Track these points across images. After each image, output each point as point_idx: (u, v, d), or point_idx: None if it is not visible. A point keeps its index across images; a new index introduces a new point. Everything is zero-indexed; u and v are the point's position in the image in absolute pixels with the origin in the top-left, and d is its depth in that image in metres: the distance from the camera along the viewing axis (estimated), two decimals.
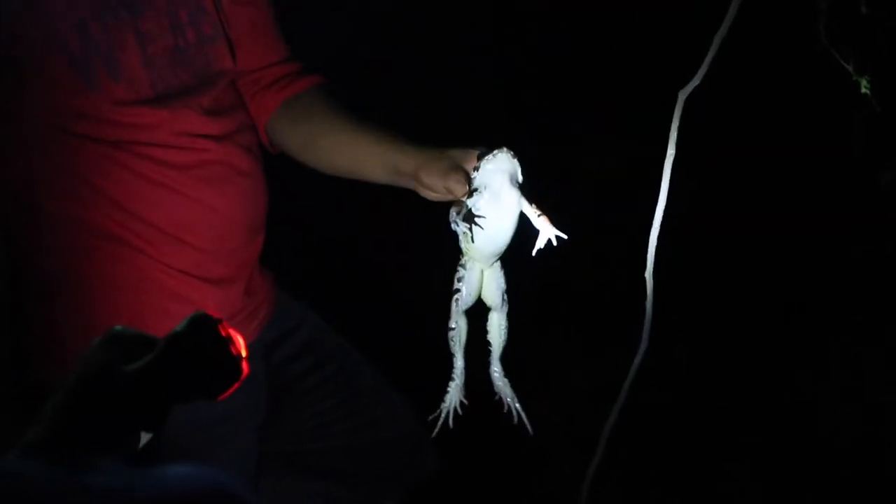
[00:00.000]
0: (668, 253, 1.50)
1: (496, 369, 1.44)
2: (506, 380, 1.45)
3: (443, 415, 1.44)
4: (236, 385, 1.07)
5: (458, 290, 1.40)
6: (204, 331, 1.04)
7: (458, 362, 1.43)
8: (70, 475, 0.79)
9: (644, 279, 1.52)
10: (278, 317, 1.75)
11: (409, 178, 1.44)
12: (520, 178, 1.34)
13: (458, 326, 1.41)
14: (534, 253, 1.32)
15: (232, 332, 1.07)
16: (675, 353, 2.68)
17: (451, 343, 1.42)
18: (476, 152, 1.36)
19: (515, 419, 1.45)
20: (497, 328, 1.43)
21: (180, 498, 0.78)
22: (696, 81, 1.44)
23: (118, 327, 1.03)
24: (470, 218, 1.33)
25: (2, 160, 1.47)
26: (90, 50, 1.43)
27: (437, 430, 1.44)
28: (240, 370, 1.06)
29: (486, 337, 1.45)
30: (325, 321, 1.84)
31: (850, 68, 2.21)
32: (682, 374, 2.71)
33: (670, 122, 1.44)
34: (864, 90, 2.28)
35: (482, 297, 1.42)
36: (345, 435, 1.81)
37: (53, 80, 1.42)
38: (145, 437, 1.00)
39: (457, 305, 1.40)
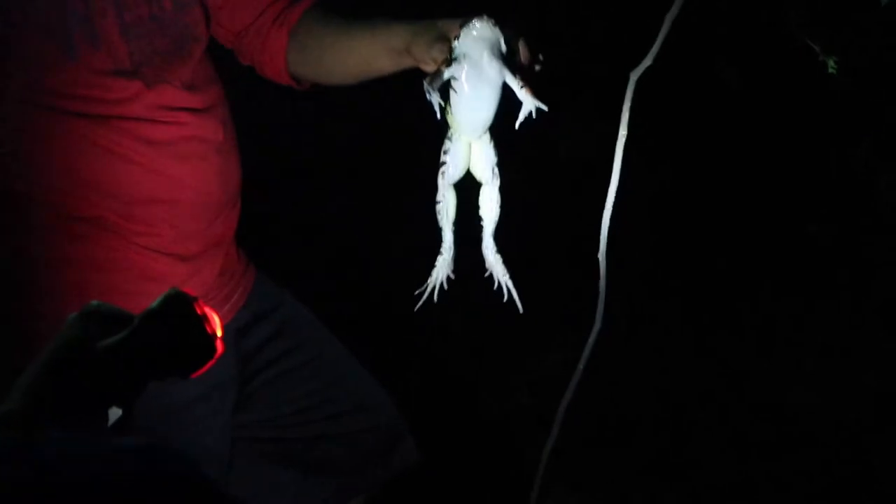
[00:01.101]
0: (625, 234, 1.49)
1: (488, 245, 1.39)
2: (498, 256, 1.40)
3: (428, 289, 1.40)
4: (210, 363, 1.07)
5: (443, 163, 1.35)
6: (179, 308, 1.05)
7: (447, 236, 1.38)
8: (22, 446, 0.78)
9: (597, 260, 1.52)
10: (253, 298, 1.72)
11: (406, 55, 1.42)
12: (503, 48, 1.30)
13: (446, 200, 1.36)
14: (516, 126, 1.29)
15: (207, 310, 1.07)
16: (631, 333, 2.70)
17: (439, 217, 1.37)
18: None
19: (506, 296, 1.40)
20: (489, 202, 1.37)
21: (134, 471, 0.77)
22: (647, 62, 1.43)
23: (94, 303, 1.04)
24: (441, 85, 1.28)
25: None
26: (68, 17, 1.40)
27: (420, 304, 1.40)
28: (214, 348, 1.07)
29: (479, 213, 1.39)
30: (303, 304, 1.81)
31: (817, 48, 2.20)
32: (639, 353, 2.73)
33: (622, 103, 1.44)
34: (831, 70, 2.27)
35: (471, 170, 1.38)
36: (320, 424, 1.78)
37: (29, 51, 1.40)
38: (116, 414, 1.01)
39: (443, 178, 1.35)
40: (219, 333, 1.08)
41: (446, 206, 1.37)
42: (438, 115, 1.31)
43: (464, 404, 2.56)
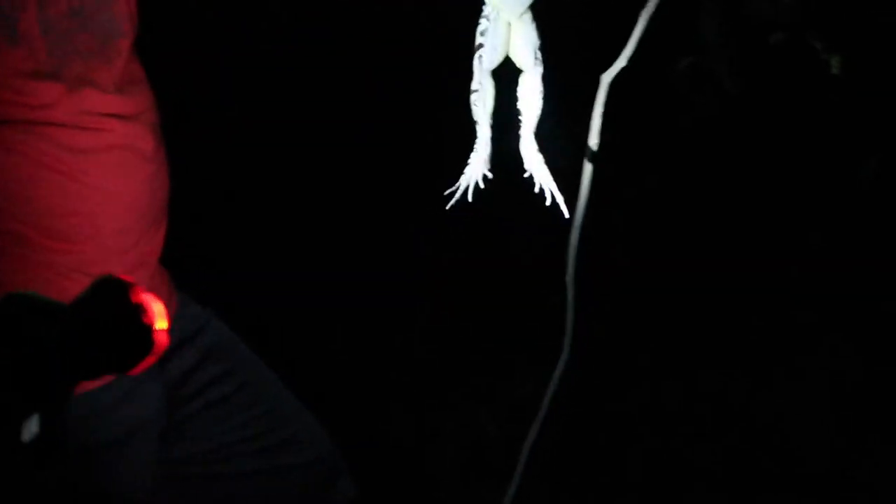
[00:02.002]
0: (597, 254, 1.39)
1: (529, 142, 1.23)
2: (540, 155, 1.24)
3: (461, 188, 1.23)
4: (151, 359, 1.00)
5: (480, 46, 1.20)
6: (112, 296, 0.98)
7: (483, 131, 1.22)
8: None
9: (564, 283, 1.39)
10: (176, 323, 1.58)
11: None
12: None
13: (483, 88, 1.21)
14: None
15: (145, 298, 0.99)
16: (608, 360, 2.59)
17: (474, 108, 1.22)
18: None
19: (549, 200, 1.24)
20: (530, 92, 1.22)
21: None
22: (621, 63, 1.30)
23: (17, 292, 0.96)
24: None
25: None
26: None
27: (451, 203, 1.23)
28: (152, 342, 0.99)
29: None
30: (230, 327, 1.71)
31: (818, 46, 2.06)
32: (617, 383, 2.63)
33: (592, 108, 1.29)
34: (834, 71, 2.13)
35: (510, 55, 1.22)
36: (250, 458, 1.68)
37: None
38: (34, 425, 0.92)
39: (480, 63, 1.20)
40: (159, 326, 0.99)
41: (483, 96, 1.21)
42: None
43: (419, 437, 2.47)
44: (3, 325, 0.92)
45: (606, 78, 1.32)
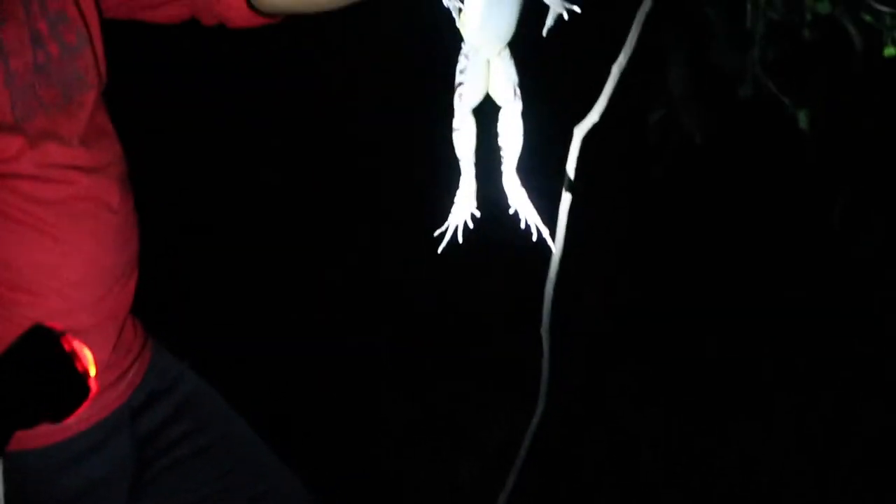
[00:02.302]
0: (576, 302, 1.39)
1: (511, 178, 1.22)
2: (523, 190, 1.22)
3: (450, 229, 1.22)
4: (84, 406, 1.01)
5: (460, 84, 1.20)
6: (43, 345, 0.99)
7: (466, 170, 1.21)
8: None
9: (540, 335, 1.40)
10: (150, 375, 1.58)
11: None
12: None
13: (464, 126, 1.20)
14: (544, 33, 1.15)
15: (77, 345, 1.00)
16: (584, 410, 2.58)
17: (457, 148, 1.21)
18: None
19: (535, 236, 1.23)
20: (510, 128, 1.21)
21: None
22: (593, 117, 1.32)
23: None
24: None
25: None
26: None
27: (442, 245, 1.21)
28: (86, 389, 1.00)
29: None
30: (205, 380, 1.67)
31: (786, 101, 2.09)
32: (594, 432, 2.60)
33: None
34: (802, 125, 2.16)
35: (490, 92, 1.22)
36: None
37: None
38: None
39: (461, 102, 1.19)
40: (91, 372, 1.00)
41: (465, 135, 1.20)
42: (457, 20, 1.16)
43: (398, 486, 2.43)
44: None
45: (579, 132, 1.35)
